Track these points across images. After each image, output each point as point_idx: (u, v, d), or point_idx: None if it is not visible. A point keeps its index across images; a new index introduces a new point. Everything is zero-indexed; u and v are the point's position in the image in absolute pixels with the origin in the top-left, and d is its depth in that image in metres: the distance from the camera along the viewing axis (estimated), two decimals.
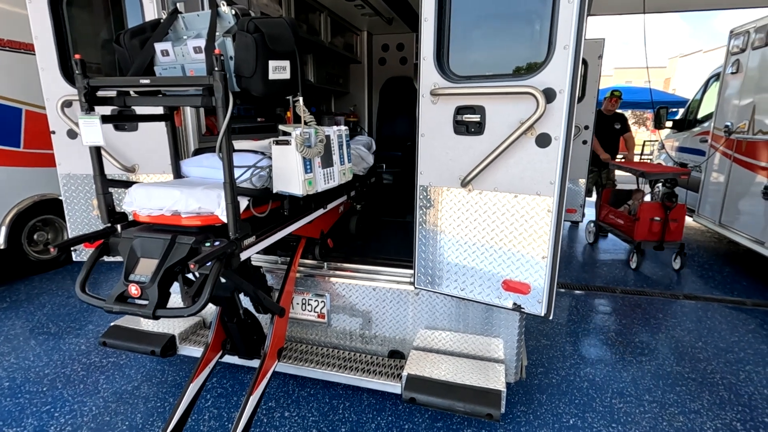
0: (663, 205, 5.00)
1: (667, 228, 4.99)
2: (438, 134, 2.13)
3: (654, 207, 5.06)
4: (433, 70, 2.06)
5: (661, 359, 3.25)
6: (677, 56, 32.12)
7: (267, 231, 2.01)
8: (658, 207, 5.02)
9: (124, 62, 1.87)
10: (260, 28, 1.66)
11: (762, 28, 4.93)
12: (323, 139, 1.96)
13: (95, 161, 1.80)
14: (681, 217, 5.06)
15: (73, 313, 3.90)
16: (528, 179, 1.98)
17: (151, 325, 2.81)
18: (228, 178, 1.61)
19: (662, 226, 4.99)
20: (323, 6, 4.66)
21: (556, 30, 1.78)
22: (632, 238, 5.18)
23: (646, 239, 5.10)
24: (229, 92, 1.55)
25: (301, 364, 2.60)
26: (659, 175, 5.30)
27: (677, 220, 5.02)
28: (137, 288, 1.62)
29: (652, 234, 5.07)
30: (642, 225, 5.06)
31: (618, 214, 5.65)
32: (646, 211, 5.06)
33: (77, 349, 3.32)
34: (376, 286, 2.65)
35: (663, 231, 5.00)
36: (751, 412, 2.67)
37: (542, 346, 3.42)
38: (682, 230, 5.11)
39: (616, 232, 5.63)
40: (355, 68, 5.86)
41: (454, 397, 2.16)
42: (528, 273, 2.08)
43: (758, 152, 4.85)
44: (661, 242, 5.05)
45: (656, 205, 5.05)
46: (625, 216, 5.48)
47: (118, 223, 1.88)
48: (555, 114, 1.86)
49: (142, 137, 2.64)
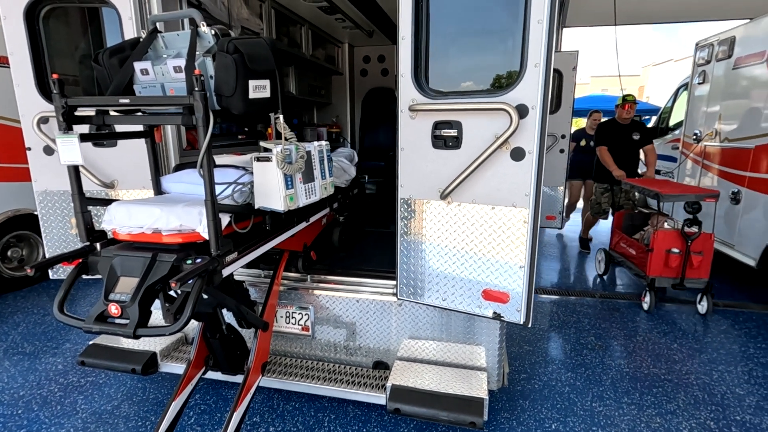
0: (683, 234, 4.04)
1: (688, 262, 4.05)
2: (417, 148, 2.18)
3: (671, 236, 4.12)
4: (411, 87, 2.12)
5: (639, 361, 3.35)
6: (650, 65, 33.23)
7: (249, 246, 2.02)
8: (677, 236, 4.09)
9: (103, 81, 1.87)
10: (240, 49, 1.69)
11: (725, 41, 5.19)
12: (304, 155, 1.99)
13: (73, 180, 1.78)
14: (707, 249, 4.07)
15: (49, 332, 3.80)
16: (504, 191, 2.05)
17: (131, 343, 2.77)
18: (209, 195, 1.62)
19: (682, 260, 4.06)
20: (304, 19, 4.72)
21: (527, 49, 1.86)
22: (644, 274, 4.30)
23: (662, 275, 4.17)
24: (209, 111, 1.57)
25: (285, 378, 2.60)
26: (678, 198, 4.25)
27: (702, 253, 4.04)
28: (117, 307, 1.61)
29: (669, 269, 4.13)
30: (656, 258, 4.14)
31: (630, 243, 4.71)
32: (662, 240, 4.11)
33: (54, 369, 3.24)
34: (359, 297, 2.67)
35: (684, 266, 4.07)
36: (723, 411, 2.77)
37: (524, 352, 3.48)
38: (708, 266, 4.11)
39: (628, 264, 4.71)
40: (336, 80, 5.92)
41: (438, 406, 2.19)
42: (507, 282, 2.14)
43: (725, 159, 5.07)
44: (681, 280, 4.10)
45: (674, 234, 4.12)
46: (637, 245, 4.56)
47: (97, 241, 1.86)
48: (528, 129, 1.94)
49: (121, 153, 2.62)
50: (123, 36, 2.44)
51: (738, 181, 4.73)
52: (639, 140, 5.30)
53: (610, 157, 5.18)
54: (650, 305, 4.22)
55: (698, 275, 4.12)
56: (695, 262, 4.05)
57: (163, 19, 1.98)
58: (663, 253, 4.13)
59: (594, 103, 15.90)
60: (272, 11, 4.12)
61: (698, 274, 4.11)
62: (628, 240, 4.78)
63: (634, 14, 7.14)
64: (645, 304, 4.29)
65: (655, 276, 4.19)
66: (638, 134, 5.28)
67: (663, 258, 4.14)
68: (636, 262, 4.56)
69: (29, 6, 2.55)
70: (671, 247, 4.11)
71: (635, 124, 5.38)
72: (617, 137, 5.30)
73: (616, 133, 5.32)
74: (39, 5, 2.60)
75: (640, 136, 5.29)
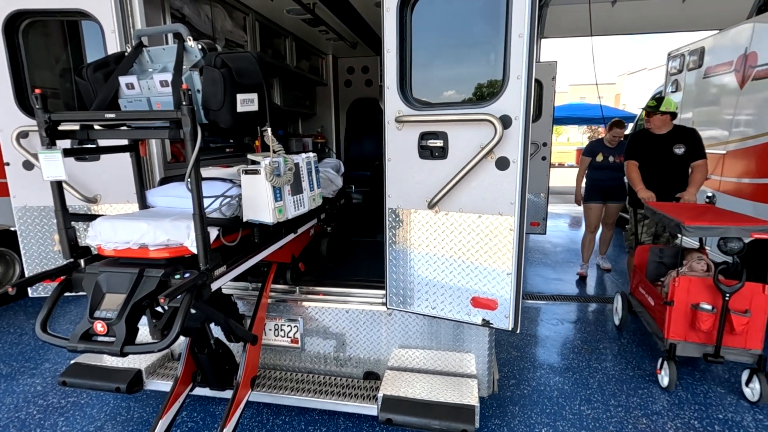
0: (716, 284, 2.85)
1: (727, 325, 2.85)
2: (404, 159, 2.21)
3: (700, 285, 2.93)
4: (397, 98, 2.15)
5: (624, 364, 3.41)
6: (625, 73, 34.31)
7: (238, 259, 2.01)
8: (708, 286, 2.91)
9: (86, 95, 1.85)
10: (227, 63, 1.70)
11: (695, 52, 5.41)
12: (292, 167, 2.00)
13: (56, 195, 1.75)
14: (758, 308, 2.85)
15: (27, 352, 3.67)
16: (490, 200, 2.09)
17: (115, 361, 2.70)
18: (198, 209, 1.61)
19: (719, 321, 2.86)
20: (288, 32, 4.75)
21: (509, 62, 1.92)
22: (662, 335, 3.09)
23: (686, 340, 3.00)
24: (197, 125, 1.57)
25: (275, 392, 2.57)
26: (708, 231, 2.87)
27: (748, 312, 2.83)
28: (103, 325, 1.58)
29: (697, 333, 2.94)
30: (677, 316, 2.97)
31: (648, 289, 3.52)
32: (685, 290, 2.95)
33: (32, 390, 3.13)
34: (349, 308, 2.67)
35: (720, 330, 2.87)
36: (706, 410, 2.84)
37: (513, 358, 3.52)
38: (762, 331, 2.88)
39: (646, 318, 3.51)
40: (321, 90, 5.95)
41: (429, 415, 2.20)
42: (495, 289, 2.17)
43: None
44: (716, 349, 2.91)
45: (704, 283, 2.93)
46: (655, 293, 3.36)
47: (81, 257, 1.83)
48: (512, 139, 1.99)
49: (105, 166, 2.58)
50: (106, 50, 2.42)
51: (712, 185, 4.91)
52: (684, 154, 3.92)
53: (637, 174, 4.02)
54: (669, 381, 2.99)
55: (744, 344, 2.89)
56: (737, 326, 2.81)
57: (149, 34, 1.98)
58: (688, 309, 2.95)
59: (573, 110, 16.31)
60: (256, 24, 4.14)
61: (744, 342, 2.88)
62: (648, 285, 3.53)
63: (608, 26, 7.42)
64: (662, 378, 3.07)
65: (676, 341, 2.99)
66: (682, 146, 3.91)
67: (688, 316, 2.95)
68: (654, 316, 3.34)
69: (8, 19, 2.51)
70: (700, 301, 2.90)
71: (679, 133, 4.00)
72: (653, 151, 4.01)
73: (651, 146, 4.02)
74: (18, 18, 2.56)
75: (685, 149, 3.91)
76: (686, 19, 7.39)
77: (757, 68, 4.21)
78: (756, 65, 4.23)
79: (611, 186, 5.18)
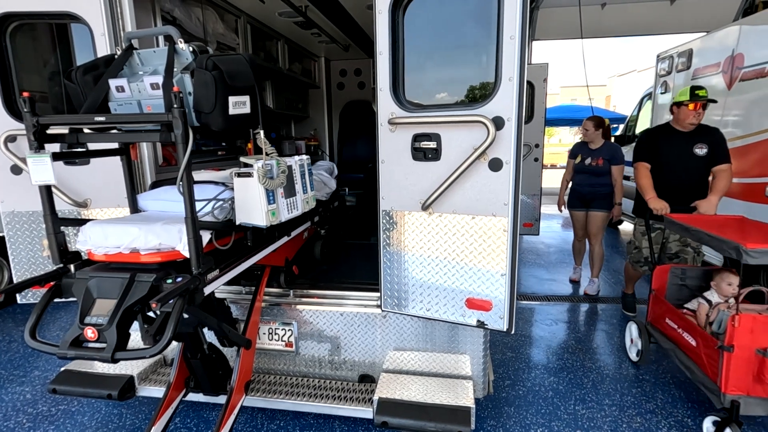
0: None
1: None
2: (397, 160, 2.21)
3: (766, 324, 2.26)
4: (389, 100, 2.15)
5: (618, 363, 3.43)
6: (615, 75, 34.69)
7: (231, 263, 1.99)
8: None
9: (76, 98, 1.83)
10: (219, 65, 1.69)
11: (683, 53, 5.48)
12: (285, 169, 1.99)
13: (45, 200, 1.73)
14: None
15: (15, 360, 3.61)
16: (484, 201, 2.09)
17: (106, 367, 2.66)
18: (189, 213, 1.59)
19: None
20: (280, 34, 4.74)
21: (501, 63, 1.93)
22: (716, 389, 2.40)
23: (751, 395, 2.33)
24: (188, 128, 1.55)
25: (269, 396, 2.54)
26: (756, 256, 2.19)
27: None
28: (94, 331, 1.55)
29: (765, 387, 2.30)
30: (739, 364, 2.31)
31: (683, 323, 2.79)
32: (749, 332, 2.28)
33: (21, 398, 3.07)
34: (343, 311, 2.66)
35: None
36: (699, 407, 2.87)
37: (508, 358, 3.52)
38: None
39: (680, 357, 2.79)
40: (314, 93, 5.95)
41: (425, 417, 2.19)
42: (489, 290, 2.17)
43: None
44: None
45: None
46: (698, 331, 2.62)
47: (71, 263, 1.80)
48: (505, 140, 1.99)
49: (95, 170, 2.55)
50: (96, 53, 2.40)
51: None
52: (706, 156, 3.35)
53: (648, 180, 3.41)
54: None
55: None
56: None
57: (140, 36, 1.96)
58: (752, 355, 2.29)
59: (564, 112, 16.47)
60: (248, 26, 4.13)
61: None
62: (682, 319, 2.80)
63: (598, 28, 7.51)
64: None
65: (738, 396, 2.33)
66: (705, 147, 3.34)
67: (752, 364, 2.30)
68: (698, 360, 2.60)
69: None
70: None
71: (702, 132, 3.43)
72: (670, 149, 3.43)
73: (669, 144, 3.45)
74: (6, 21, 2.53)
75: (707, 150, 3.33)
76: (674, 21, 7.50)
77: (744, 69, 4.27)
78: (743, 66, 4.29)
79: (591, 192, 4.60)
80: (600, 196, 4.58)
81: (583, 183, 4.69)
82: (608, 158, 4.48)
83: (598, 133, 4.57)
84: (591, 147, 4.63)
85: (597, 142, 4.59)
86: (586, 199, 4.68)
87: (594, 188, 4.59)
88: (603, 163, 4.48)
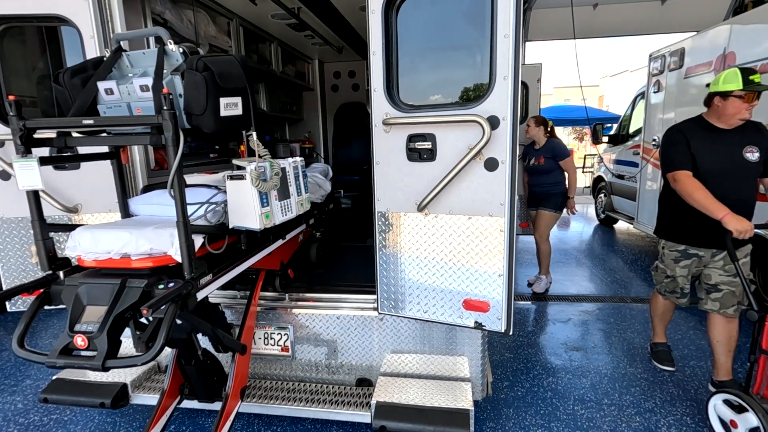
0: None
1: None
2: (392, 161, 2.19)
3: None
4: (384, 101, 2.13)
5: (616, 362, 3.42)
6: (607, 75, 34.93)
7: (224, 267, 1.96)
8: None
9: (64, 102, 1.79)
10: (210, 67, 1.66)
11: (675, 53, 5.51)
12: (279, 172, 1.97)
13: (33, 205, 1.69)
14: None
15: (6, 369, 3.55)
16: (480, 201, 2.08)
17: (99, 375, 2.62)
18: (181, 216, 1.57)
19: None
20: (273, 36, 4.71)
21: (496, 63, 1.92)
22: None
23: None
24: (179, 130, 1.53)
25: (266, 402, 2.51)
26: None
27: None
28: (84, 338, 1.52)
29: None
30: None
31: None
32: None
33: (12, 408, 3.02)
34: (339, 314, 2.63)
35: None
36: (698, 406, 2.86)
37: (506, 359, 3.51)
38: None
39: None
40: (308, 95, 5.92)
41: (424, 421, 2.17)
42: (486, 291, 2.15)
43: None
44: None
45: None
46: None
47: (60, 269, 1.76)
48: (500, 139, 1.98)
49: (85, 175, 2.51)
50: (85, 55, 2.36)
51: None
52: (759, 162, 2.62)
53: (705, 190, 2.55)
54: None
55: None
56: None
57: (129, 38, 1.93)
58: None
59: (558, 112, 16.56)
60: (240, 28, 4.10)
61: None
62: None
63: (591, 28, 7.56)
64: None
65: None
66: (757, 150, 2.61)
67: None
68: None
69: None
70: None
71: (750, 131, 2.66)
72: (714, 156, 2.64)
73: (712, 148, 2.66)
74: None
75: (760, 154, 2.61)
76: (666, 21, 7.56)
77: None
78: (734, 65, 4.32)
79: (542, 192, 4.61)
80: (548, 195, 4.60)
81: (535, 183, 4.73)
82: (550, 156, 4.50)
83: (538, 130, 4.57)
84: (535, 147, 4.66)
85: (540, 142, 4.60)
86: (539, 199, 4.71)
87: (544, 188, 4.62)
88: (545, 161, 4.51)
